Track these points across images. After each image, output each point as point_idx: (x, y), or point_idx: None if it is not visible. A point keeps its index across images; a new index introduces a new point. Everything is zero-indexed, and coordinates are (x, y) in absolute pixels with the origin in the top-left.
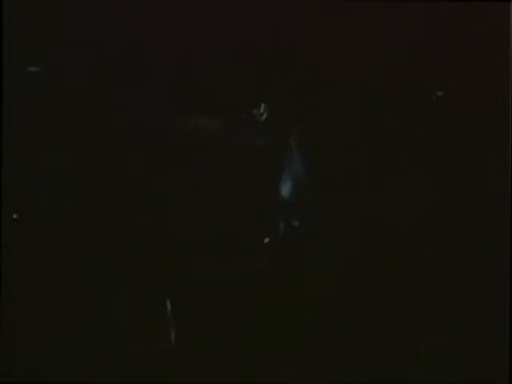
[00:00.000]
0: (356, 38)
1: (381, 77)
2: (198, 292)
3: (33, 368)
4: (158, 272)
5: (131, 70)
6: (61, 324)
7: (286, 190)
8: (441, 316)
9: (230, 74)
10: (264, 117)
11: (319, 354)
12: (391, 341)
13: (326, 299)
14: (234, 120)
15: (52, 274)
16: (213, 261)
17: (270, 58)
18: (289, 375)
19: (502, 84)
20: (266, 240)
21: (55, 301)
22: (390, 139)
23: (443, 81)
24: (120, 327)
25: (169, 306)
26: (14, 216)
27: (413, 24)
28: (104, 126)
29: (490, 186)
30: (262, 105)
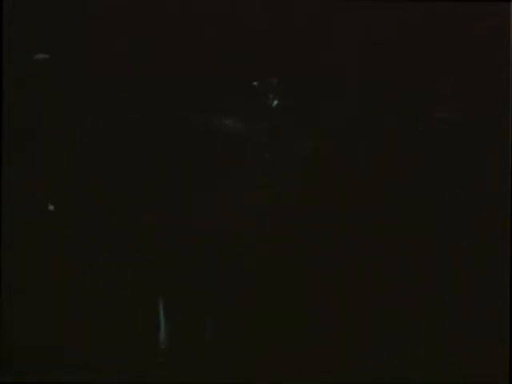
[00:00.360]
0: (356, 37)
1: (381, 77)
2: (198, 292)
3: (33, 368)
4: (157, 272)
5: (132, 70)
6: (61, 324)
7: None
8: (441, 316)
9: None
10: (275, 103)
11: (319, 354)
12: (391, 341)
13: (326, 299)
14: (236, 116)
15: (52, 274)
16: (213, 261)
17: (271, 57)
18: (289, 375)
19: (502, 84)
20: (267, 240)
21: (55, 301)
22: (390, 139)
23: (443, 81)
24: (120, 327)
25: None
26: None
27: (413, 24)
28: (104, 126)
29: (490, 186)
30: (271, 95)
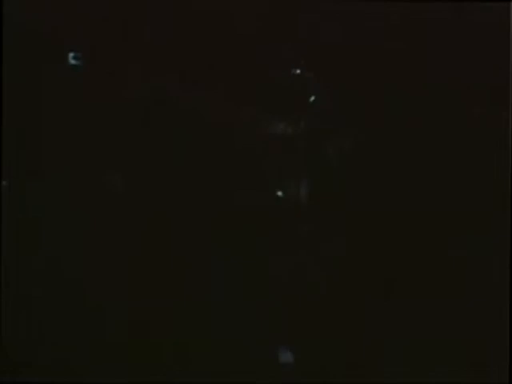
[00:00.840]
0: (356, 38)
1: (381, 76)
2: (198, 292)
3: (33, 368)
4: (158, 272)
5: (134, 70)
6: (61, 324)
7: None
8: (441, 316)
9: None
10: (312, 99)
11: (319, 354)
12: (392, 341)
13: (327, 299)
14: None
15: (52, 274)
16: (214, 260)
17: (271, 57)
18: (289, 375)
19: (502, 84)
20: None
21: (55, 301)
22: (390, 139)
23: (443, 80)
24: (120, 327)
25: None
26: None
27: (413, 24)
28: (104, 126)
29: (490, 186)
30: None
